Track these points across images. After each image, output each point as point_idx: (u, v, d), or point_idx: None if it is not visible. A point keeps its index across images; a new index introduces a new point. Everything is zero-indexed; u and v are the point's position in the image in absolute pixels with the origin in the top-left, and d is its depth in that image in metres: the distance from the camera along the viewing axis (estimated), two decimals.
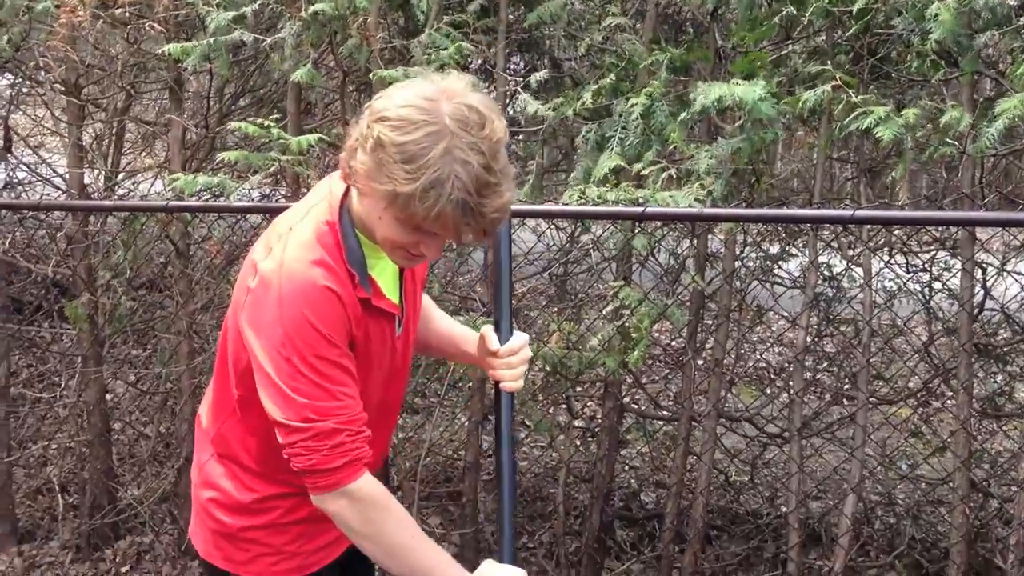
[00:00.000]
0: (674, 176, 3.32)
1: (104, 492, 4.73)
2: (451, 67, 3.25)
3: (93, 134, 5.46)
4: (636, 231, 3.56)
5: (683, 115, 3.20)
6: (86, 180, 4.70)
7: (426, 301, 2.23)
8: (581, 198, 3.32)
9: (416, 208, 1.63)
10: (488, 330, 2.08)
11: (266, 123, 3.37)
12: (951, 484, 3.70)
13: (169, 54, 3.73)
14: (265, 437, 1.88)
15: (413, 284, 2.03)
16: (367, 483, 1.80)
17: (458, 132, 1.62)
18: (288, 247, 1.77)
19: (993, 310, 4.38)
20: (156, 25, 3.95)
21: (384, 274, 1.91)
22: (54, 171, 5.72)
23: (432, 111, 1.64)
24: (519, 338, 2.05)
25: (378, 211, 1.72)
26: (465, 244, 2.00)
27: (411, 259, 1.82)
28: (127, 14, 3.96)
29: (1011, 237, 4.76)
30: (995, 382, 4.66)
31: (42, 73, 4.95)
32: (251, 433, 1.96)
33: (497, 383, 2.05)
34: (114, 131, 5.24)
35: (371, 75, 3.48)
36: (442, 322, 2.29)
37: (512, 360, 2.03)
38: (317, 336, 1.73)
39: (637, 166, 3.35)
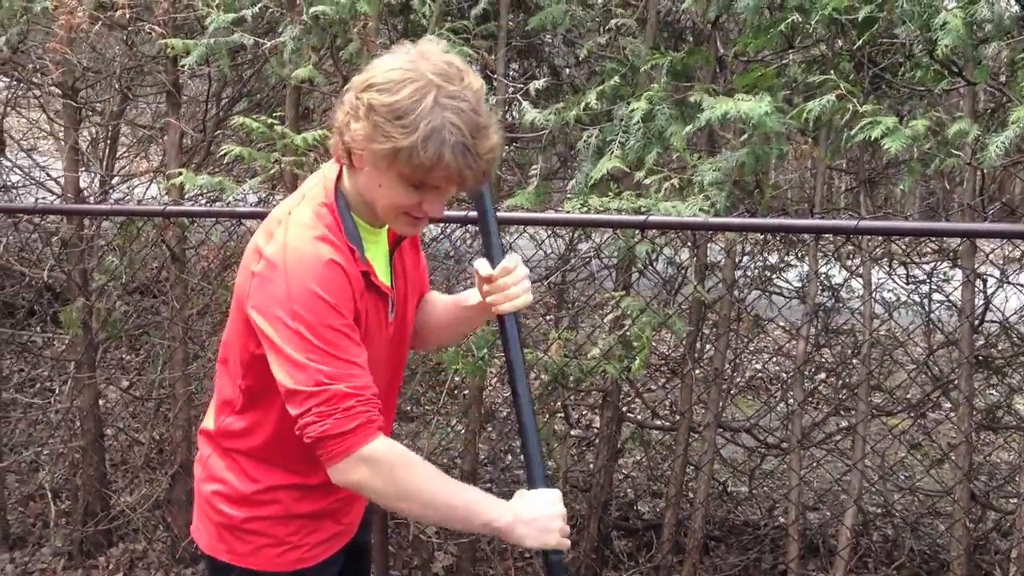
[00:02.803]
0: (676, 186, 3.30)
1: (97, 498, 4.69)
2: None
3: (88, 137, 5.43)
4: (638, 239, 3.54)
5: (687, 128, 3.18)
6: (81, 184, 4.66)
7: (433, 294, 2.27)
8: (583, 207, 3.30)
9: (420, 159, 1.72)
10: (480, 261, 2.07)
11: (269, 120, 3.36)
12: (952, 496, 3.68)
13: (171, 49, 3.74)
14: (270, 425, 1.96)
15: (404, 279, 2.07)
16: (384, 444, 1.81)
17: (442, 84, 1.74)
18: (290, 228, 1.84)
19: (993, 321, 4.37)
20: (156, 28, 3.93)
21: (376, 259, 1.97)
22: (48, 175, 5.68)
23: (414, 70, 1.75)
24: (510, 258, 2.03)
25: (379, 178, 1.81)
26: (468, 191, 2.06)
27: (415, 224, 1.90)
28: (126, 16, 3.94)
29: (1011, 248, 4.76)
30: (993, 394, 4.65)
31: (39, 75, 4.92)
32: (256, 423, 2.00)
33: (501, 316, 2.03)
34: (110, 134, 5.21)
35: None
36: (446, 297, 2.28)
37: (507, 280, 2.02)
38: (326, 307, 1.78)
39: (639, 174, 3.33)
